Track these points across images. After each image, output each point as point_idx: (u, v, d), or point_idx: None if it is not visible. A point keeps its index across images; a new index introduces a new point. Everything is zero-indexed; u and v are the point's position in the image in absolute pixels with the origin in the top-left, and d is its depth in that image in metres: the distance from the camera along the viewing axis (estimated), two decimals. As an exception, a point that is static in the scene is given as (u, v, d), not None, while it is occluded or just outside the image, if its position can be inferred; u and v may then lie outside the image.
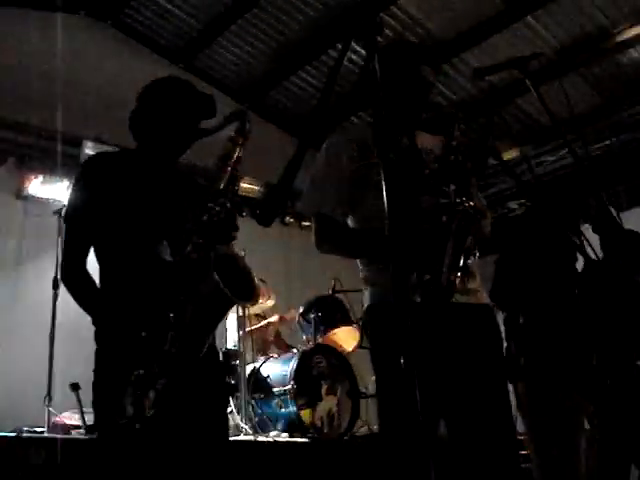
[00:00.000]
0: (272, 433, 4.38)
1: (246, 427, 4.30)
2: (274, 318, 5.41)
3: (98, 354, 2.15)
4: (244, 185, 6.76)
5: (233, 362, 4.64)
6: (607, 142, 6.61)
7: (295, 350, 4.80)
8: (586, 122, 6.49)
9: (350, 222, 2.57)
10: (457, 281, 2.29)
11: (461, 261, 2.31)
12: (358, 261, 2.59)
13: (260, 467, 3.60)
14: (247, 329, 4.93)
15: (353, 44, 1.86)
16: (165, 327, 1.99)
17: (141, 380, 1.95)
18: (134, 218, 2.20)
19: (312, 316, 4.95)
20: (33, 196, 5.98)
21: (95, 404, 2.09)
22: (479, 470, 2.32)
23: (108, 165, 2.30)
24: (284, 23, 6.53)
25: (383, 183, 1.83)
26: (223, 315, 2.08)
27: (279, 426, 4.47)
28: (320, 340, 4.85)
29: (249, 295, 2.06)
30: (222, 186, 2.14)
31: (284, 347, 5.31)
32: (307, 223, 5.63)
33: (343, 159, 2.50)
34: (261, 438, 4.14)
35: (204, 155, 2.41)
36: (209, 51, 7.12)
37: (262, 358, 4.96)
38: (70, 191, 2.32)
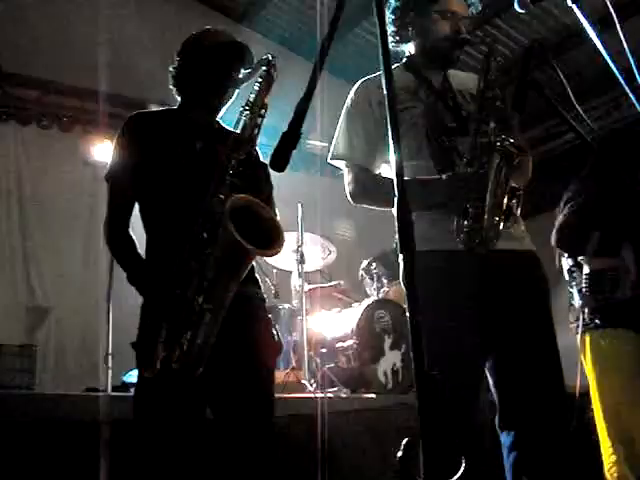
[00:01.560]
0: (334, 389, 4.35)
1: (307, 383, 4.27)
2: (342, 282, 5.35)
3: (142, 311, 2.16)
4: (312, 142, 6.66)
5: (296, 318, 4.64)
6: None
7: (358, 305, 4.73)
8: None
9: (383, 170, 2.47)
10: (500, 225, 2.17)
11: (504, 204, 2.19)
12: (394, 210, 2.49)
13: (318, 423, 3.57)
14: (312, 287, 4.91)
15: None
16: (188, 280, 1.97)
17: (167, 334, 1.95)
18: (177, 175, 2.19)
19: (375, 270, 4.88)
20: (101, 161, 6.08)
21: (137, 360, 2.09)
22: (528, 413, 2.23)
23: (150, 123, 2.30)
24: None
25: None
26: (242, 265, 2.01)
27: (342, 382, 4.43)
28: (384, 294, 4.76)
29: (268, 244, 1.98)
30: (248, 134, 2.11)
31: (348, 303, 5.24)
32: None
33: (373, 105, 2.40)
34: (321, 395, 4.10)
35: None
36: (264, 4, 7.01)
37: (326, 313, 4.92)
38: (112, 150, 2.32)
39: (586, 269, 3.01)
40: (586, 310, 3.07)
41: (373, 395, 4.16)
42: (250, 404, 2.12)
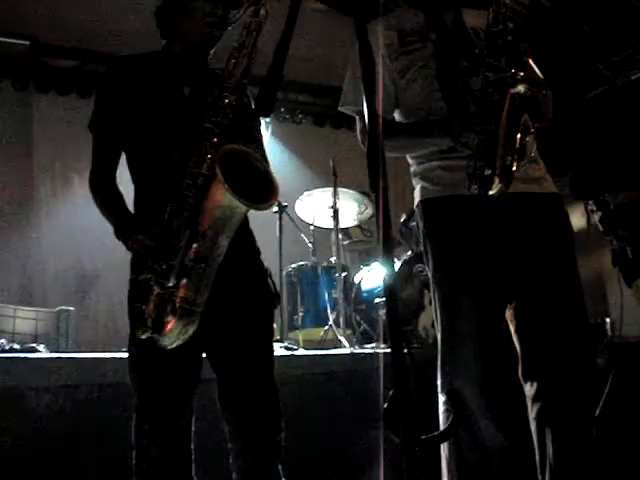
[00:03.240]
0: (372, 345, 4.30)
1: (343, 339, 4.23)
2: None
3: (131, 265, 2.11)
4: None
5: (335, 275, 4.60)
6: None
7: (397, 259, 4.64)
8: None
9: (396, 116, 2.38)
10: (514, 166, 2.06)
11: (517, 142, 2.08)
12: (408, 156, 2.41)
13: (355, 378, 3.54)
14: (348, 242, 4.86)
15: None
16: (178, 235, 1.89)
17: (159, 294, 1.88)
18: (166, 123, 2.09)
19: (413, 224, 4.76)
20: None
21: (129, 316, 2.06)
22: (551, 362, 2.15)
23: (134, 67, 2.18)
24: None
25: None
26: (232, 219, 1.91)
27: (382, 337, 4.38)
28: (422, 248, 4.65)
29: (261, 197, 1.89)
30: (237, 79, 1.97)
31: (389, 258, 5.15)
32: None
33: (381, 49, 2.30)
34: (359, 350, 4.06)
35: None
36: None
37: (365, 269, 4.86)
38: (95, 96, 2.22)
39: (612, 207, 2.86)
40: (629, 250, 2.93)
41: (412, 350, 4.09)
42: (248, 358, 2.08)
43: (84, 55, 6.05)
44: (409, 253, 4.64)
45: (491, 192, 2.06)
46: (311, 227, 5.04)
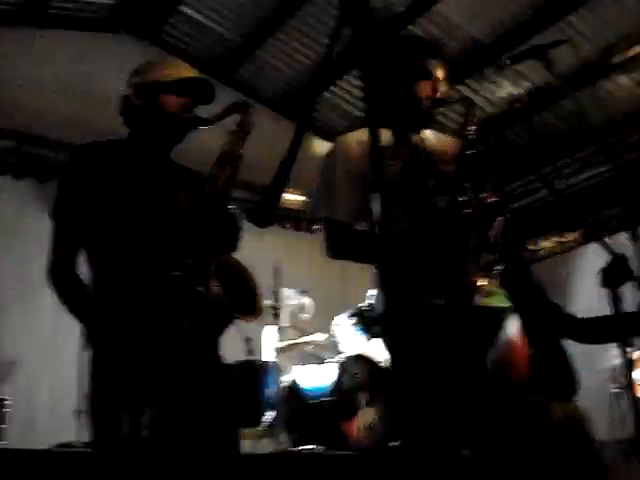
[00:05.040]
0: (309, 446, 4.29)
1: (282, 440, 4.21)
2: (315, 336, 5.30)
3: (93, 362, 1.99)
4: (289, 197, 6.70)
5: (270, 375, 4.59)
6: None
7: (332, 361, 4.70)
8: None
9: (362, 227, 2.47)
10: (479, 281, 2.18)
11: (482, 260, 2.21)
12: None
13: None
14: (286, 343, 4.90)
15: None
16: (161, 341, 1.86)
17: (137, 398, 1.83)
18: (127, 215, 2.03)
19: (350, 327, 4.84)
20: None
21: (91, 416, 1.96)
22: None
23: (98, 155, 2.11)
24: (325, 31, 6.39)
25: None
26: (223, 328, 1.94)
27: (317, 439, 4.37)
28: (359, 351, 4.73)
29: (252, 309, 1.93)
30: (221, 185, 2.02)
31: (322, 358, 5.20)
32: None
33: (353, 161, 2.40)
34: (296, 451, 4.05)
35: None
36: (249, 64, 7.11)
37: (300, 370, 4.88)
38: (58, 184, 2.12)
39: None
40: None
41: (348, 452, 4.12)
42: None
43: (22, 137, 6.01)
44: (346, 355, 4.71)
45: (456, 305, 2.16)
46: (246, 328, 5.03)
